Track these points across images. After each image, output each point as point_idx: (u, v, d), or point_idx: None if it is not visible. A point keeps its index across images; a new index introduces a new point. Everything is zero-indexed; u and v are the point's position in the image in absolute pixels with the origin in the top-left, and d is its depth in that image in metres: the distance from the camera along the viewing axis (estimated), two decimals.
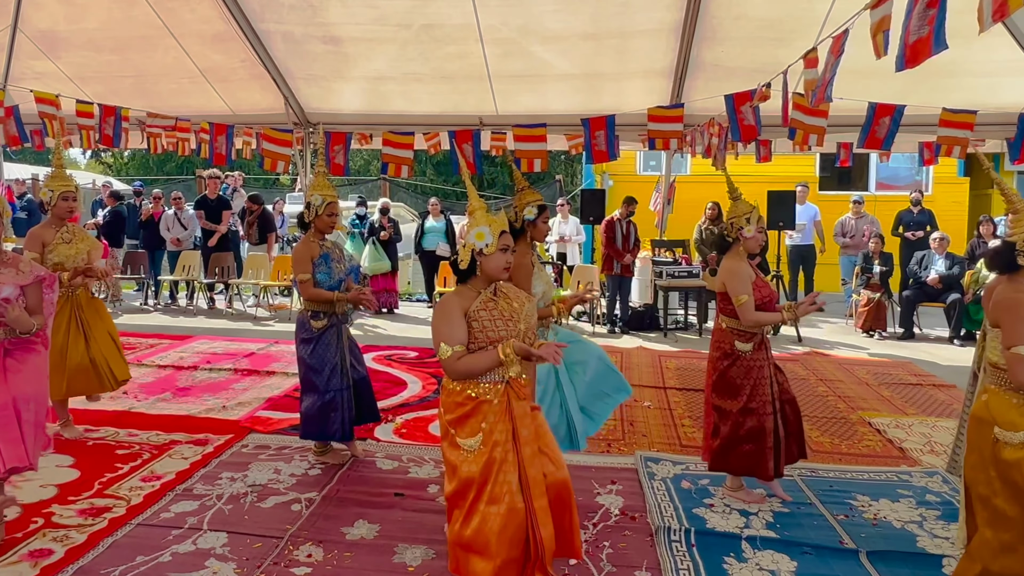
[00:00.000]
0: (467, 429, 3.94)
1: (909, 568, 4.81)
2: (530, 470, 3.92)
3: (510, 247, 4.10)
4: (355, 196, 18.81)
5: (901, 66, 5.02)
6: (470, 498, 3.88)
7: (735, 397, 5.63)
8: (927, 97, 10.13)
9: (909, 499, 5.94)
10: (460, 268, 4.04)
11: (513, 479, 3.90)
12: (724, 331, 5.74)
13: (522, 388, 4.04)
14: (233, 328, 12.67)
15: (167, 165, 35.54)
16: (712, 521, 5.47)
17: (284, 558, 4.76)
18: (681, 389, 9.16)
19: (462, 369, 3.91)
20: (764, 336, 5.75)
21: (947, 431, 7.55)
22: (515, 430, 3.96)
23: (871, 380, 9.75)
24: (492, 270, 4.02)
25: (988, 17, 4.25)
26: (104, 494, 5.65)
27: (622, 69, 11.54)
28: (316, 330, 6.29)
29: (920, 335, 12.76)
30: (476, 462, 3.89)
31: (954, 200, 19.15)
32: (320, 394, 6.25)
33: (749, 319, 5.56)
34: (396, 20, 10.62)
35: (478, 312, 3.96)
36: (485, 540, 3.80)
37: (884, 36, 5.40)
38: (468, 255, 3.99)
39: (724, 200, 13.31)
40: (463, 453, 3.92)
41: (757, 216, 5.97)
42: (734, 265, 5.74)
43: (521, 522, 3.84)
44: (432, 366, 9.97)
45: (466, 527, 3.87)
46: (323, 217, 6.26)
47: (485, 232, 3.99)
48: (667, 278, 12.70)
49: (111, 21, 11.32)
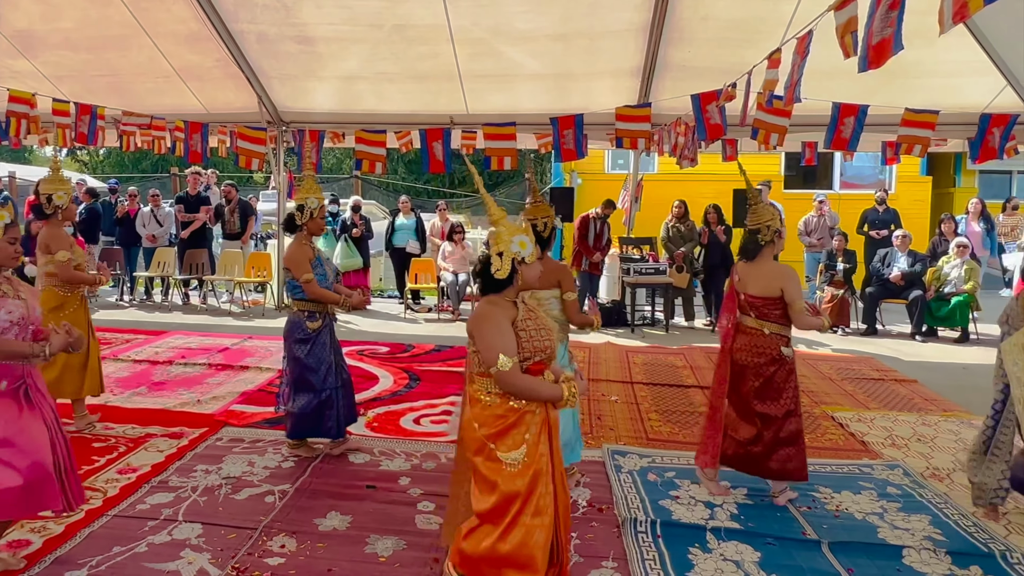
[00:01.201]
0: (509, 442, 3.80)
1: (870, 558, 4.91)
2: (557, 475, 3.92)
3: (539, 257, 4.08)
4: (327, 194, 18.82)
5: (864, 67, 5.11)
6: (512, 512, 3.75)
7: (778, 401, 5.66)
8: (890, 97, 10.25)
9: (870, 491, 6.04)
10: (498, 277, 3.87)
11: (550, 488, 3.86)
12: (768, 336, 5.67)
13: None
14: (208, 323, 12.72)
15: (142, 163, 35.44)
16: (678, 513, 5.55)
17: (258, 549, 4.83)
18: (648, 384, 9.26)
19: (522, 386, 3.79)
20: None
21: (908, 425, 7.72)
22: (551, 438, 3.91)
23: (834, 375, 9.88)
24: (530, 279, 3.93)
25: (948, 19, 4.33)
26: (81, 486, 5.69)
27: (591, 69, 11.62)
28: (312, 331, 6.33)
29: (883, 331, 12.91)
30: (522, 476, 3.78)
31: (917, 198, 19.33)
32: (316, 393, 6.31)
33: (803, 324, 5.60)
34: (368, 20, 10.66)
35: (525, 323, 3.85)
36: (529, 554, 3.74)
37: (852, 37, 5.48)
38: (509, 264, 3.84)
39: (691, 199, 13.51)
40: (506, 467, 3.77)
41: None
42: (787, 270, 5.74)
43: (552, 530, 3.85)
44: (403, 361, 10.07)
45: (504, 542, 3.74)
46: (316, 220, 6.36)
47: (527, 241, 3.89)
48: (634, 275, 12.78)
49: (87, 21, 11.30)
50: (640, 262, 13.13)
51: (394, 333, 11.90)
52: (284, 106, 13.17)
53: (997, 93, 10.92)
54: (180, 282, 14.88)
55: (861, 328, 12.95)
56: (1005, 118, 10.63)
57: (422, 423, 7.58)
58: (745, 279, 5.83)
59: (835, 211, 15.36)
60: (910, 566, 4.83)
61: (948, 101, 10.75)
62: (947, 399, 8.85)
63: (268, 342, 10.97)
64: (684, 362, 10.50)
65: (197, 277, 14.59)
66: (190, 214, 14.60)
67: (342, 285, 6.81)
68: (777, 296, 5.61)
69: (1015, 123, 10.69)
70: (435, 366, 9.91)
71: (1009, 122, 10.62)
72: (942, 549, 5.04)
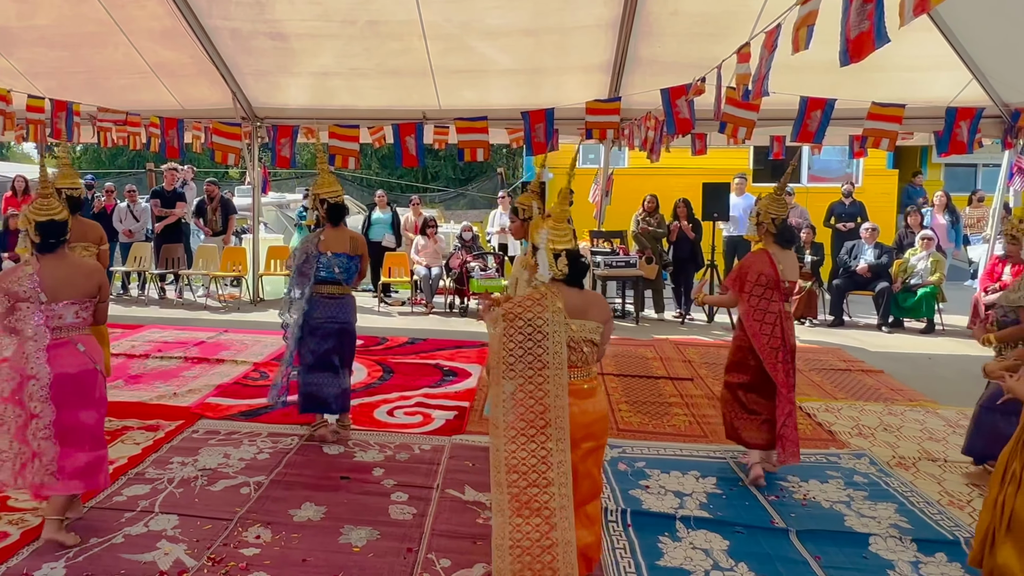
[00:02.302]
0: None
1: (837, 546, 4.98)
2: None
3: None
4: (302, 189, 18.86)
5: (846, 61, 5.12)
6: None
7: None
8: (857, 91, 10.34)
9: (837, 480, 6.13)
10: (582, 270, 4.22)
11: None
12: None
13: None
14: (184, 317, 12.72)
15: (119, 159, 35.63)
16: (648, 502, 5.62)
17: (234, 539, 4.87)
18: (618, 375, 9.34)
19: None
20: None
21: (874, 414, 7.81)
22: None
23: (802, 366, 9.77)
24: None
25: (909, 11, 4.40)
26: None
27: (561, 64, 11.68)
28: None
29: (850, 322, 13.02)
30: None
31: (883, 191, 19.42)
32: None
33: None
34: (341, 16, 10.69)
35: None
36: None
37: (808, 31, 5.53)
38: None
39: (661, 192, 13.58)
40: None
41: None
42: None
43: None
44: (376, 354, 10.14)
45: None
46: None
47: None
48: (605, 268, 12.85)
49: (62, 18, 11.31)
50: (611, 255, 13.20)
51: (368, 326, 11.90)
52: (258, 102, 13.18)
53: (963, 87, 11.05)
54: (156, 277, 14.85)
55: (828, 319, 13.04)
56: (971, 111, 10.79)
57: (396, 415, 7.63)
58: (784, 267, 5.98)
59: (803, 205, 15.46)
60: (876, 553, 4.91)
61: (915, 95, 10.85)
62: (913, 389, 8.96)
63: (243, 335, 11.01)
64: (654, 353, 10.57)
65: (173, 272, 14.63)
66: (166, 209, 14.59)
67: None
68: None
69: (981, 116, 10.86)
70: (408, 359, 9.94)
71: (976, 115, 10.78)
72: (908, 536, 5.11)
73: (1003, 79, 10.74)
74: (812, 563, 4.78)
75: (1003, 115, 11.36)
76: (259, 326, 11.63)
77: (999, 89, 11.00)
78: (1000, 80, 10.79)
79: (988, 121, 11.31)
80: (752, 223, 6.18)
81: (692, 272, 13.32)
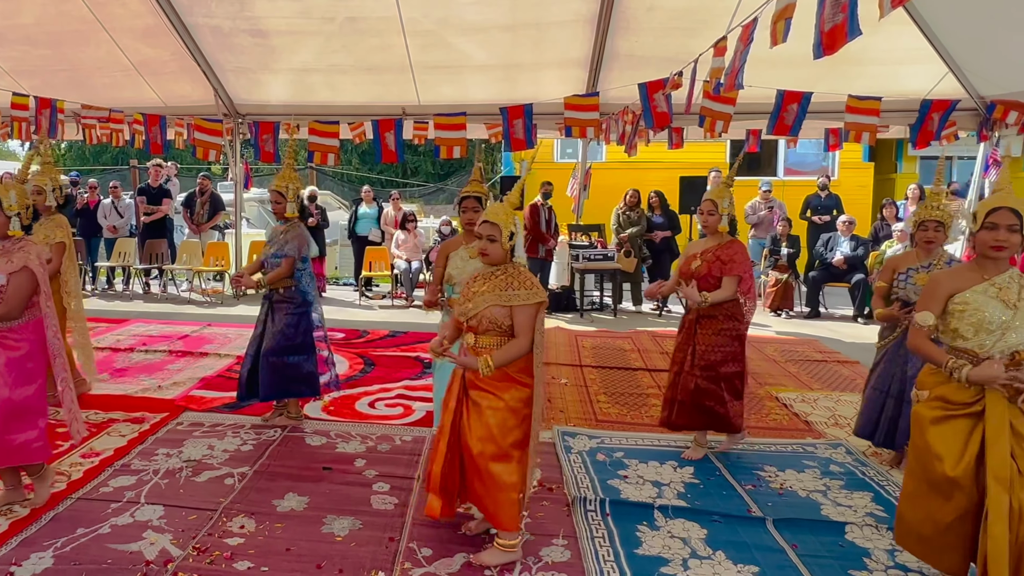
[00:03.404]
0: None
1: (814, 535, 4.99)
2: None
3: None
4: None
5: (819, 54, 5.15)
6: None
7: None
8: (833, 85, 10.42)
9: (814, 469, 6.15)
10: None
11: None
12: None
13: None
14: (168, 312, 12.79)
15: (103, 156, 35.65)
16: (626, 492, 5.63)
17: (218, 529, 4.90)
18: (597, 367, 9.39)
19: None
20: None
21: (851, 405, 7.80)
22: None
23: (778, 357, 10.04)
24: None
25: (888, 3, 4.42)
26: None
27: (539, 59, 11.71)
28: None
29: (825, 314, 13.13)
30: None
31: (859, 184, 19.54)
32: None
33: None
34: (320, 13, 10.73)
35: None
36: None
37: (786, 24, 5.54)
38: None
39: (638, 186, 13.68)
40: None
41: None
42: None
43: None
44: (358, 346, 10.21)
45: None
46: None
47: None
48: (583, 261, 12.93)
49: (45, 17, 11.35)
50: (589, 248, 13.28)
51: (349, 320, 11.99)
52: (239, 98, 13.21)
53: (939, 80, 11.11)
54: (141, 271, 15.03)
55: (804, 311, 13.15)
56: (945, 103, 10.86)
57: (377, 407, 7.68)
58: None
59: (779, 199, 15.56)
60: (853, 541, 4.92)
61: (890, 88, 10.93)
62: None
63: (227, 329, 11.06)
64: (632, 346, 10.63)
65: (157, 267, 14.76)
66: (152, 205, 14.68)
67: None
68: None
69: (954, 108, 10.93)
70: (389, 351, 10.01)
71: (949, 107, 10.85)
72: (884, 525, 5.11)
73: (978, 72, 10.79)
74: (789, 551, 4.78)
75: (979, 107, 11.43)
76: (242, 320, 11.63)
77: (974, 82, 11.05)
78: (975, 73, 10.84)
79: (964, 114, 11.40)
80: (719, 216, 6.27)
81: (668, 264, 13.43)
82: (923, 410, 4.15)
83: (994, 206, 3.97)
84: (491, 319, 4.38)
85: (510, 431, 4.42)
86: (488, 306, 4.37)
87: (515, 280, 4.41)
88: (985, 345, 3.95)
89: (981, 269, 4.06)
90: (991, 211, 3.97)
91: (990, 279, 3.99)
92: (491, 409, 4.41)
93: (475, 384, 4.46)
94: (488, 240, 4.41)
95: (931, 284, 4.23)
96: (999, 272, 4.02)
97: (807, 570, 4.57)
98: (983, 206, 4.04)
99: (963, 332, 4.02)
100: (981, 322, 3.94)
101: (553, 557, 4.67)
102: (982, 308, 3.94)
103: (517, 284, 4.40)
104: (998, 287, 3.96)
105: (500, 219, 4.39)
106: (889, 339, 6.13)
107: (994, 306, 3.93)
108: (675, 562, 4.64)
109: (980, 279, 4.02)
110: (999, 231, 3.93)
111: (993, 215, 3.96)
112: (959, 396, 4.03)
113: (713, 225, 6.24)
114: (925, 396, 4.15)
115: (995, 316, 3.91)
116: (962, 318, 4.01)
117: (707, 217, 6.26)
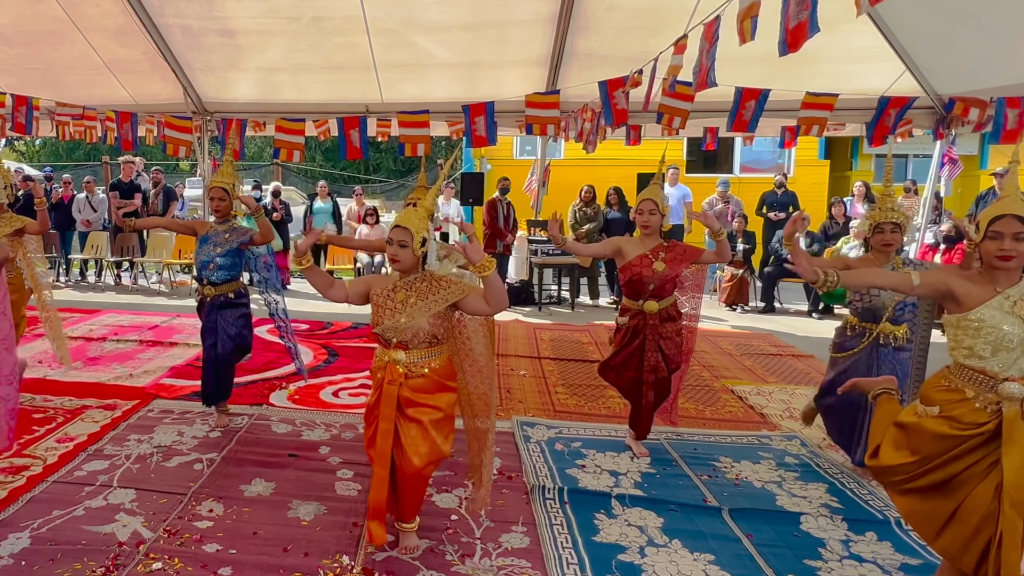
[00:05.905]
0: None
1: (769, 524, 5.06)
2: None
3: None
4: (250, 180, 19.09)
5: (784, 51, 5.13)
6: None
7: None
8: (791, 82, 10.43)
9: (769, 461, 6.24)
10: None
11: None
12: None
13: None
14: (139, 303, 13.03)
15: (76, 152, 35.89)
16: (584, 481, 5.73)
17: (188, 513, 5.01)
18: (555, 359, 9.56)
19: None
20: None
21: (805, 398, 7.71)
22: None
23: (734, 351, 10.20)
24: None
25: (865, 1, 4.43)
26: (23, 454, 5.92)
27: (500, 58, 11.78)
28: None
29: (780, 309, 13.35)
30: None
31: (815, 181, 19.75)
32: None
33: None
34: (287, 13, 10.77)
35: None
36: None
37: (752, 22, 5.54)
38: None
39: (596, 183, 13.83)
40: None
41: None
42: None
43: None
44: (322, 337, 10.39)
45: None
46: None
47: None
48: (542, 256, 13.13)
49: (20, 17, 11.40)
50: (547, 243, 13.42)
51: (314, 311, 12.09)
52: (208, 96, 13.21)
53: (896, 78, 11.15)
54: (112, 264, 15.50)
55: (760, 306, 13.36)
56: (902, 100, 10.90)
57: (340, 396, 7.83)
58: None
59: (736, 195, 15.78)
60: (807, 532, 5.00)
61: (848, 86, 10.97)
62: None
63: (195, 320, 10.94)
64: (589, 338, 10.81)
65: (128, 259, 15.26)
66: (124, 200, 14.87)
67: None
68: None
69: (911, 106, 11.00)
70: (352, 342, 10.18)
71: (905, 104, 10.92)
72: (838, 516, 5.20)
73: (935, 70, 10.82)
74: (745, 541, 4.84)
75: (935, 105, 11.46)
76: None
77: (932, 80, 11.08)
78: (932, 71, 10.87)
79: (920, 112, 11.44)
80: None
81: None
82: (930, 424, 3.87)
83: (997, 214, 3.67)
84: (424, 331, 4.31)
85: (447, 436, 4.43)
86: (426, 316, 4.27)
87: (437, 283, 4.32)
88: (1006, 364, 3.67)
89: (992, 280, 3.75)
90: (994, 219, 3.68)
91: (1003, 291, 3.70)
92: (432, 422, 4.36)
93: (412, 402, 4.34)
94: (399, 246, 4.25)
95: (945, 269, 4.18)
96: (1011, 283, 3.72)
97: (763, 559, 4.63)
98: (986, 214, 3.75)
99: (979, 351, 3.71)
100: (1000, 340, 3.66)
101: (513, 543, 4.75)
102: (1000, 325, 3.65)
103: (445, 284, 4.32)
104: (1012, 301, 3.67)
105: (412, 224, 4.24)
106: (857, 348, 5.85)
107: (1012, 322, 3.64)
108: (632, 549, 4.71)
109: (993, 292, 3.72)
110: (1004, 240, 3.63)
111: (996, 223, 3.66)
112: (973, 417, 3.73)
113: (656, 224, 6.14)
114: (936, 412, 3.85)
115: (1015, 333, 3.63)
116: (978, 336, 3.71)
117: (649, 217, 6.14)
